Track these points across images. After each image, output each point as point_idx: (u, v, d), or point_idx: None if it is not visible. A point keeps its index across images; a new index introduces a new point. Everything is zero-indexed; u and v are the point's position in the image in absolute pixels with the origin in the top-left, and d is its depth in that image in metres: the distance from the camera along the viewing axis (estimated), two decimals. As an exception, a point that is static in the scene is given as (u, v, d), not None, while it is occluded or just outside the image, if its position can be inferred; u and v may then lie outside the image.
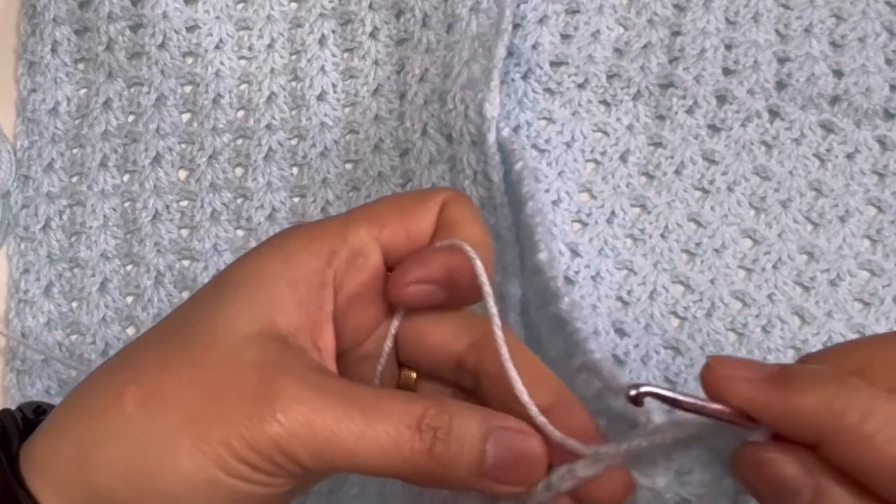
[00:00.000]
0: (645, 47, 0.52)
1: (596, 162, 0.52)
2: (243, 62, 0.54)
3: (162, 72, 0.54)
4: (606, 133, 0.52)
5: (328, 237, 0.35)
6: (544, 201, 0.50)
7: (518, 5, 0.52)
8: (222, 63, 0.54)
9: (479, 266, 0.33)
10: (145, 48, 0.54)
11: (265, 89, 0.53)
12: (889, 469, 0.28)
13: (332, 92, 0.53)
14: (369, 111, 0.53)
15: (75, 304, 0.52)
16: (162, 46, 0.53)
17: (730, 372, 0.30)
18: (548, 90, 0.52)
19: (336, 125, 0.53)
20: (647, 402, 0.32)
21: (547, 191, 0.51)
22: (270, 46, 0.54)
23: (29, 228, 0.53)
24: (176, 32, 0.53)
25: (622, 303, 0.50)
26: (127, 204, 0.53)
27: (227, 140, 0.53)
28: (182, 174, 0.53)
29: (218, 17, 0.54)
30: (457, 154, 0.49)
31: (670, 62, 0.52)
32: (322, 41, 0.54)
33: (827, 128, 0.52)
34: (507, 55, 0.50)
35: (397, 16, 0.54)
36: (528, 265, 0.45)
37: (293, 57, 0.54)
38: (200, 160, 0.53)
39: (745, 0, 0.53)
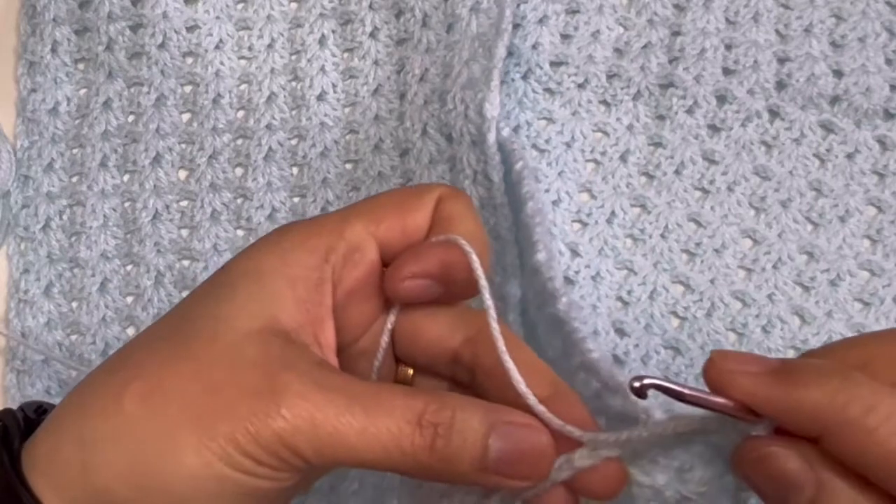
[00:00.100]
0: (645, 47, 0.52)
1: (596, 162, 0.52)
2: (243, 62, 0.54)
3: (162, 72, 0.54)
4: (606, 133, 0.52)
5: (325, 233, 0.34)
6: (544, 201, 0.50)
7: (518, 5, 0.52)
8: (222, 63, 0.54)
9: (475, 260, 0.33)
10: (145, 48, 0.54)
11: (265, 89, 0.53)
12: (891, 463, 0.28)
13: (332, 92, 0.53)
14: (369, 111, 0.53)
15: (75, 304, 0.52)
16: (162, 46, 0.53)
17: (732, 366, 0.30)
18: (548, 90, 0.52)
19: (336, 125, 0.53)
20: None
21: (547, 191, 0.51)
22: (270, 46, 0.54)
23: (29, 228, 0.53)
24: (176, 32, 0.53)
25: (622, 303, 0.50)
26: (127, 204, 0.53)
27: (227, 140, 0.53)
28: (182, 174, 0.53)
29: (218, 17, 0.54)
30: (457, 154, 0.49)
31: (670, 62, 0.52)
32: (322, 41, 0.54)
33: (827, 128, 0.52)
34: (507, 55, 0.50)
35: (397, 16, 0.54)
36: (527, 265, 0.45)
37: (293, 57, 0.54)
38: (200, 160, 0.53)
39: (745, 0, 0.53)
